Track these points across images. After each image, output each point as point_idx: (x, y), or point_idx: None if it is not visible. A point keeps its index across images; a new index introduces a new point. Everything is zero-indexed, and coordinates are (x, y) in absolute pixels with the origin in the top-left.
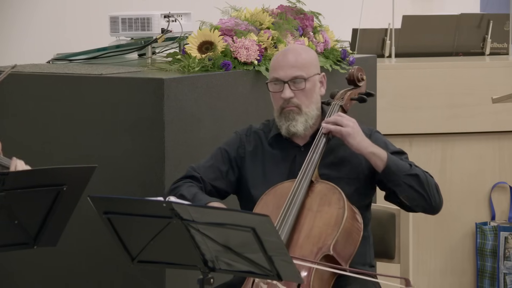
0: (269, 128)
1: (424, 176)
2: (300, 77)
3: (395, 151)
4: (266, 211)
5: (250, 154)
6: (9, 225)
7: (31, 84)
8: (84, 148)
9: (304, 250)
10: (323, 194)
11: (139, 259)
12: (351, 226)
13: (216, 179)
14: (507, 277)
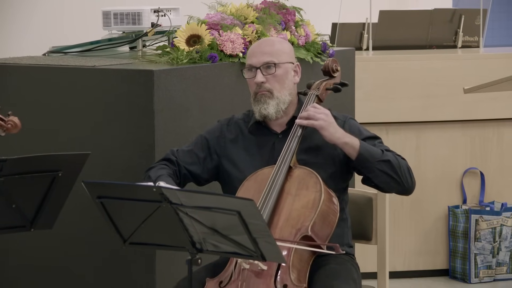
0: (249, 117)
1: (396, 161)
2: (270, 63)
3: (369, 136)
4: (248, 195)
5: (231, 142)
6: (7, 209)
7: (28, 75)
8: (78, 136)
9: (284, 232)
10: (301, 179)
11: (130, 241)
12: (327, 209)
13: (193, 164)
14: (478, 257)
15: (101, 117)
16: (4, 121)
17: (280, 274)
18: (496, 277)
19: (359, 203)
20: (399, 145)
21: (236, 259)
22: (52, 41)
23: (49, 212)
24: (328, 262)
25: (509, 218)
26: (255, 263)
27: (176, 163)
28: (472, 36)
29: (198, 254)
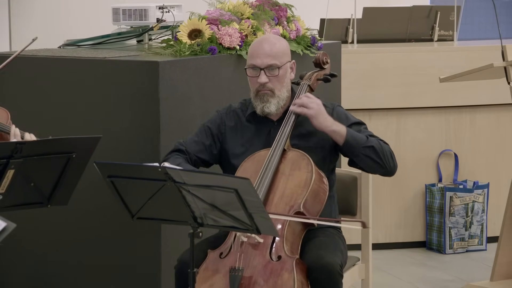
0: (246, 106)
1: (379, 146)
2: (274, 66)
3: (355, 122)
4: (245, 175)
5: (230, 129)
6: (26, 187)
7: (44, 66)
8: (90, 121)
9: (278, 208)
10: (294, 160)
11: (138, 216)
12: (318, 187)
13: (200, 151)
14: (452, 230)
15: (111, 104)
16: None
17: (275, 246)
18: (468, 248)
19: (345, 182)
20: (381, 129)
21: (235, 232)
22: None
23: (64, 190)
24: (317, 235)
25: (480, 195)
26: (252, 236)
27: (186, 152)
28: (447, 31)
29: (199, 228)
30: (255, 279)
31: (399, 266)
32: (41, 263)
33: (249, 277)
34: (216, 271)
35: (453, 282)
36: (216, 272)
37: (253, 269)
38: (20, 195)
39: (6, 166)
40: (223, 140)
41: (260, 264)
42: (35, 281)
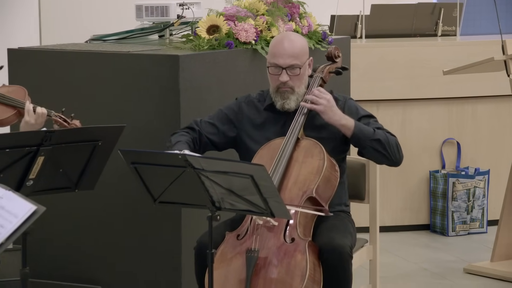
0: (263, 97)
1: (386, 139)
2: (296, 66)
3: (365, 115)
4: (261, 162)
5: (248, 117)
6: (56, 173)
7: (72, 59)
8: (115, 111)
9: (292, 193)
10: (307, 148)
11: (160, 200)
12: (329, 174)
13: (213, 134)
14: (454, 214)
15: (134, 95)
16: (68, 123)
17: (289, 229)
18: (470, 231)
19: (354, 169)
20: (388, 119)
21: (251, 216)
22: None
23: (90, 175)
24: (328, 219)
25: (481, 181)
26: (267, 219)
27: (198, 132)
28: (450, 26)
29: (217, 211)
30: (270, 260)
31: (405, 248)
32: (69, 245)
33: (264, 257)
34: (234, 252)
35: (456, 262)
36: (233, 253)
37: (268, 250)
38: (49, 180)
39: (36, 153)
40: (240, 127)
41: (275, 245)
42: (63, 262)
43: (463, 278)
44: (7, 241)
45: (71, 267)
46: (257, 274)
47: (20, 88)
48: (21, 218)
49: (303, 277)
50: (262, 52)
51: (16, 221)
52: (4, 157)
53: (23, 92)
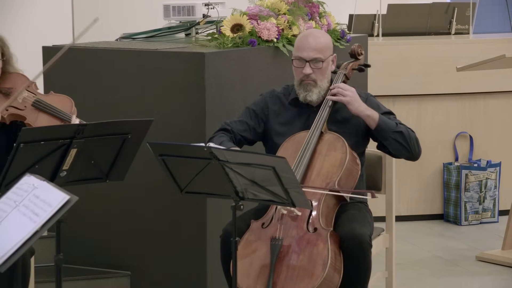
0: (288, 91)
1: (407, 132)
2: (319, 59)
3: (386, 111)
4: (286, 154)
5: (274, 112)
6: (88, 164)
7: (103, 56)
8: (144, 106)
9: (315, 184)
10: (330, 142)
11: (186, 190)
12: (351, 167)
13: (244, 131)
14: (467, 204)
15: (162, 90)
16: None
17: (312, 219)
18: (482, 220)
19: (372, 161)
20: (404, 114)
21: (275, 205)
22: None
23: (120, 167)
24: (348, 209)
25: (493, 173)
26: (291, 209)
27: (231, 131)
28: (463, 25)
29: (240, 201)
30: (293, 248)
31: (419, 236)
32: (100, 232)
33: (288, 246)
34: (259, 239)
35: (468, 250)
36: (258, 240)
37: (291, 239)
38: (81, 171)
39: (69, 145)
40: (267, 121)
41: (298, 234)
42: (94, 249)
43: (475, 266)
44: (42, 229)
45: (102, 254)
46: (281, 262)
47: (67, 99)
48: (55, 207)
49: (324, 265)
50: (283, 50)
51: (50, 210)
52: (39, 149)
53: (70, 104)
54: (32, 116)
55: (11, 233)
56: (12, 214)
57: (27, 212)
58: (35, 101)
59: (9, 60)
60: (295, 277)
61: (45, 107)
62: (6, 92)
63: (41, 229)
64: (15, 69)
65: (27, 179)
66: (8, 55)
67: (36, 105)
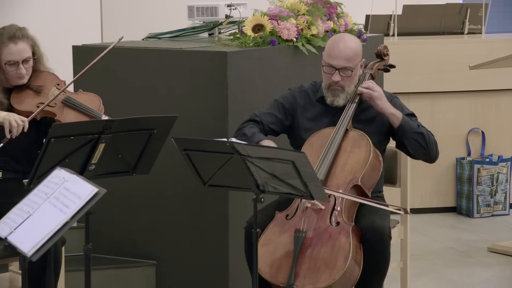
0: (316, 88)
1: (427, 135)
2: (349, 68)
3: (408, 113)
4: (312, 149)
5: (301, 107)
6: (115, 158)
7: (130, 55)
8: (169, 102)
9: (339, 180)
10: (355, 139)
11: (209, 184)
12: (374, 164)
13: (272, 123)
14: (479, 198)
15: (186, 88)
16: None
17: (335, 213)
18: (493, 213)
19: (387, 156)
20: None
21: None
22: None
23: (147, 161)
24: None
25: (504, 167)
26: (315, 202)
27: (260, 123)
28: (476, 25)
29: (261, 194)
30: (316, 241)
31: (433, 228)
32: (127, 223)
33: (311, 238)
34: (283, 230)
35: (480, 242)
36: (282, 231)
37: (315, 232)
38: (109, 165)
39: (98, 140)
40: (294, 115)
41: (321, 228)
42: (122, 239)
43: (487, 256)
44: (71, 220)
45: (129, 244)
46: (304, 253)
47: (95, 97)
48: (84, 199)
49: (346, 258)
50: (302, 49)
51: (79, 202)
52: (69, 144)
53: (98, 102)
54: (61, 113)
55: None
56: (44, 206)
57: (57, 204)
58: (65, 99)
59: (40, 59)
60: (317, 268)
61: (74, 105)
62: (37, 89)
63: (70, 220)
64: (46, 68)
65: (57, 173)
66: (38, 54)
67: (66, 103)
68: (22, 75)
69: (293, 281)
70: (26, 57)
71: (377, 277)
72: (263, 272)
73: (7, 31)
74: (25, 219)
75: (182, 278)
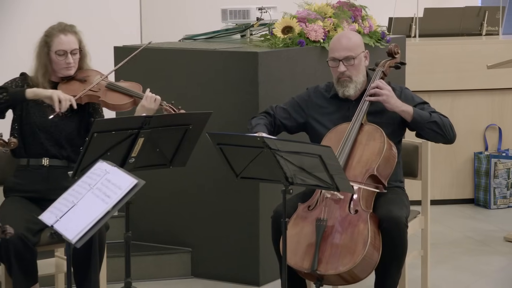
0: (330, 87)
1: (440, 120)
2: (350, 57)
3: (420, 102)
4: (330, 144)
5: (317, 105)
6: (153, 152)
7: (168, 55)
8: (204, 100)
9: (356, 171)
10: (369, 133)
11: (241, 176)
12: (388, 155)
13: (286, 118)
14: (496, 190)
15: (220, 86)
16: (175, 112)
17: (353, 202)
18: (509, 204)
19: (409, 150)
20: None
21: (320, 190)
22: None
23: (183, 154)
24: (386, 194)
25: None
26: (335, 193)
27: (273, 116)
28: (493, 27)
29: (290, 186)
30: (336, 228)
31: (452, 219)
32: (164, 213)
33: (331, 226)
34: (305, 220)
35: (496, 232)
36: (305, 221)
37: (335, 220)
38: (148, 158)
39: (137, 135)
40: (310, 113)
41: (341, 216)
42: (159, 228)
43: (503, 245)
44: (113, 209)
45: (166, 232)
46: (325, 240)
47: (136, 84)
48: (124, 190)
49: (365, 244)
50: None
51: (120, 193)
52: (111, 138)
53: (139, 87)
54: (105, 96)
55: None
56: (87, 196)
57: (100, 194)
58: (108, 84)
59: (85, 57)
60: (338, 254)
61: (117, 87)
62: (81, 79)
63: (112, 209)
64: (89, 67)
65: (100, 165)
66: (84, 51)
67: (109, 87)
68: (70, 65)
69: (316, 267)
70: (74, 48)
71: (395, 263)
72: (289, 260)
73: (58, 26)
74: (70, 208)
75: (215, 264)
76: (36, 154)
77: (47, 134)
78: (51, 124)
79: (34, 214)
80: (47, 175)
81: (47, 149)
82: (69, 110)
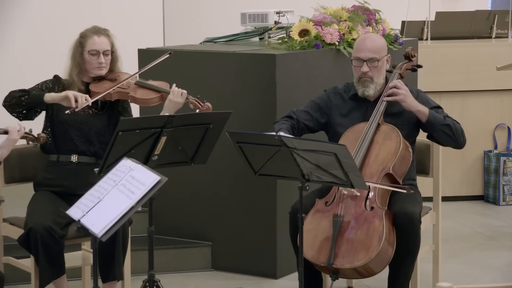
0: (348, 88)
1: (453, 125)
2: (374, 59)
3: (434, 106)
4: (347, 143)
5: (336, 105)
6: (175, 150)
7: (189, 57)
8: (223, 100)
9: (372, 169)
10: (386, 133)
11: (259, 173)
12: (404, 154)
13: (308, 120)
14: (505, 187)
15: (239, 87)
16: (201, 105)
17: (369, 199)
18: None
19: (421, 148)
20: (449, 107)
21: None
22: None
23: (204, 152)
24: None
25: None
26: (351, 190)
27: (295, 119)
28: (503, 30)
29: (306, 182)
30: (352, 224)
31: (462, 215)
32: (186, 208)
33: (348, 222)
34: (323, 215)
35: (505, 227)
36: (322, 216)
37: (351, 216)
38: (170, 156)
39: (160, 133)
40: (329, 113)
41: (357, 212)
42: (181, 222)
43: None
44: (137, 205)
45: (187, 227)
46: (342, 235)
47: (164, 82)
48: (148, 186)
49: (380, 239)
50: (344, 52)
51: (144, 189)
52: (135, 137)
53: (167, 85)
54: (135, 92)
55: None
56: (112, 192)
57: (124, 190)
58: (137, 81)
59: (116, 60)
60: (354, 249)
61: (145, 84)
62: (112, 78)
63: (136, 204)
64: (120, 70)
65: (124, 162)
66: (116, 53)
67: (138, 84)
68: (101, 65)
69: (333, 261)
70: (106, 49)
71: (409, 257)
72: (306, 254)
73: (92, 28)
74: (96, 204)
75: (234, 257)
76: (66, 150)
77: (77, 131)
78: (81, 121)
79: (62, 209)
80: (76, 171)
81: (77, 146)
82: (99, 108)
